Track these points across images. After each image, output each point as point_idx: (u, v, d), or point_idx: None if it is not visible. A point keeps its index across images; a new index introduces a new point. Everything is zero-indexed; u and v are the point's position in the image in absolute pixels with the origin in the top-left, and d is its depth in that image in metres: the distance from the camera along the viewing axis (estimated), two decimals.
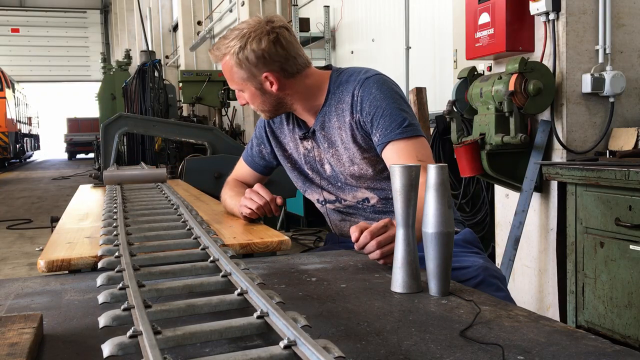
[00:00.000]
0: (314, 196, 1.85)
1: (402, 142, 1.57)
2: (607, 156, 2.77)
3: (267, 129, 1.88)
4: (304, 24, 7.44)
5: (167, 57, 17.78)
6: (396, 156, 1.56)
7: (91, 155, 23.01)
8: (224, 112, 9.06)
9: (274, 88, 1.64)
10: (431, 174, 1.06)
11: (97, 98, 15.64)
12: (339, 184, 1.76)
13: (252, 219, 1.74)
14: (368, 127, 1.62)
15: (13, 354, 0.74)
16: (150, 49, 9.84)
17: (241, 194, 1.82)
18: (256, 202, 1.69)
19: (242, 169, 2.01)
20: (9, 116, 18.94)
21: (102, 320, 0.79)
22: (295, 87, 1.67)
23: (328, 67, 1.77)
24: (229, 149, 4.63)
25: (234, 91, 1.77)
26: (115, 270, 1.02)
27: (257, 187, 1.73)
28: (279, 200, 1.70)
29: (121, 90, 11.75)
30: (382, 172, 1.69)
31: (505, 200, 3.25)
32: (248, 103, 1.73)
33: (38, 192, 11.24)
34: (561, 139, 2.84)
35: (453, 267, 1.44)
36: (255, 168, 1.96)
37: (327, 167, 1.77)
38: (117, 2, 26.83)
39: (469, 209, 3.92)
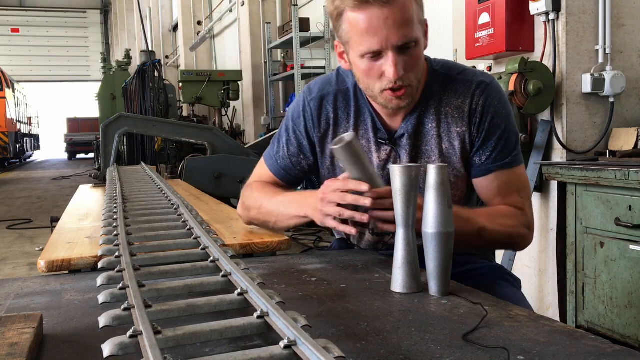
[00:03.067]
0: None
1: (506, 172, 1.34)
2: (607, 156, 2.77)
3: (314, 132, 1.44)
4: (304, 24, 7.43)
5: (167, 57, 17.77)
6: (496, 190, 1.34)
7: (91, 155, 22.99)
8: (224, 112, 9.05)
9: (427, 43, 1.30)
10: (431, 174, 1.06)
11: (97, 98, 15.64)
12: None
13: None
14: (474, 142, 1.35)
15: (13, 354, 0.74)
16: (150, 49, 9.84)
17: (282, 194, 1.44)
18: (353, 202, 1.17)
19: (266, 176, 1.56)
20: (9, 116, 18.93)
21: (102, 320, 0.79)
22: None
23: None
24: (229, 149, 4.64)
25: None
26: (116, 270, 1.02)
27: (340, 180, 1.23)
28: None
29: (121, 90, 11.75)
30: (466, 201, 1.42)
31: None
32: (403, 74, 1.23)
33: (38, 192, 11.23)
34: (561, 139, 2.84)
35: (468, 269, 1.43)
36: (287, 180, 1.53)
37: None
38: (117, 2, 26.82)
39: None
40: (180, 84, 9.09)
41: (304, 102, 1.46)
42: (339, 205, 1.19)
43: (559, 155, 2.90)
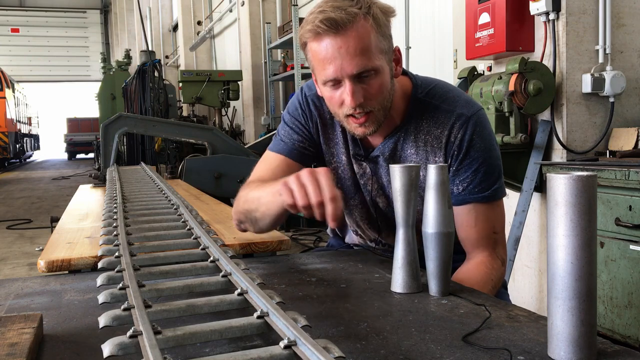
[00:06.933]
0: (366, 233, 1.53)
1: (485, 206, 1.34)
2: (607, 156, 2.77)
3: (311, 125, 1.44)
4: None
5: (167, 57, 17.77)
6: (473, 222, 1.33)
7: (91, 155, 23.01)
8: (224, 112, 9.05)
9: (399, 70, 1.30)
10: (431, 174, 1.06)
11: (97, 98, 15.65)
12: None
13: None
14: (452, 170, 1.35)
15: (13, 354, 0.74)
16: (150, 49, 9.83)
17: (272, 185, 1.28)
18: (311, 194, 1.06)
19: (271, 165, 1.46)
20: (8, 116, 18.92)
21: (102, 320, 0.79)
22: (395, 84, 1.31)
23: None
24: (229, 149, 4.64)
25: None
26: (116, 270, 1.02)
27: (323, 171, 1.09)
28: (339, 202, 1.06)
29: (121, 90, 11.75)
30: None
31: (505, 200, 3.24)
32: (363, 102, 1.22)
33: (38, 192, 11.23)
34: (561, 139, 2.84)
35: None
36: (301, 159, 1.44)
37: (380, 202, 1.46)
38: (117, 2, 26.82)
39: None
40: (180, 84, 9.09)
41: (304, 96, 1.46)
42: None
43: (559, 155, 2.90)
